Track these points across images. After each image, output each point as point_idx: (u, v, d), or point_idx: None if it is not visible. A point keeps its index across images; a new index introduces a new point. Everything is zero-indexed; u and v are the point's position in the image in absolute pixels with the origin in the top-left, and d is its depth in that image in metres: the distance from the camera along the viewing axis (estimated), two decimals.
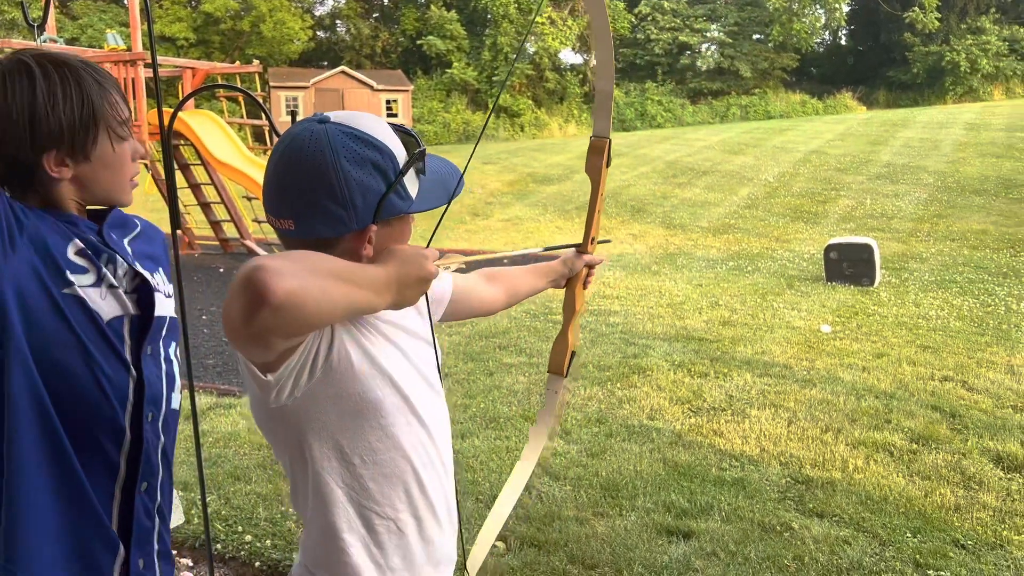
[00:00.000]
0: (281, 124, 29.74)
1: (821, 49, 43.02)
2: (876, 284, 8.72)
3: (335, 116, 1.22)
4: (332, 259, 1.09)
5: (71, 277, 1.28)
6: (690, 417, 4.76)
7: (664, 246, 12.12)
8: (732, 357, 6.01)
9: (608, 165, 1.74)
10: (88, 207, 1.39)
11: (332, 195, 1.16)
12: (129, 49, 10.82)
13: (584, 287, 1.85)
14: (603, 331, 6.85)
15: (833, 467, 3.99)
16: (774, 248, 11.57)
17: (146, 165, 11.11)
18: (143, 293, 1.38)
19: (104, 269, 1.33)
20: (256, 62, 11.53)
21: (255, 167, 10.80)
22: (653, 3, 37.14)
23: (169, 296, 1.49)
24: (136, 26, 10.84)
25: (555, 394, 1.84)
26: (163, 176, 11.58)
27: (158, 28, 31.15)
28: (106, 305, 1.32)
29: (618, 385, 5.36)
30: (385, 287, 1.13)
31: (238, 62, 15.08)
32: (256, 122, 11.86)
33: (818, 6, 37.74)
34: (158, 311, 1.40)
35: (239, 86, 12.34)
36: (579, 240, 1.82)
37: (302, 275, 1.00)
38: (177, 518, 3.10)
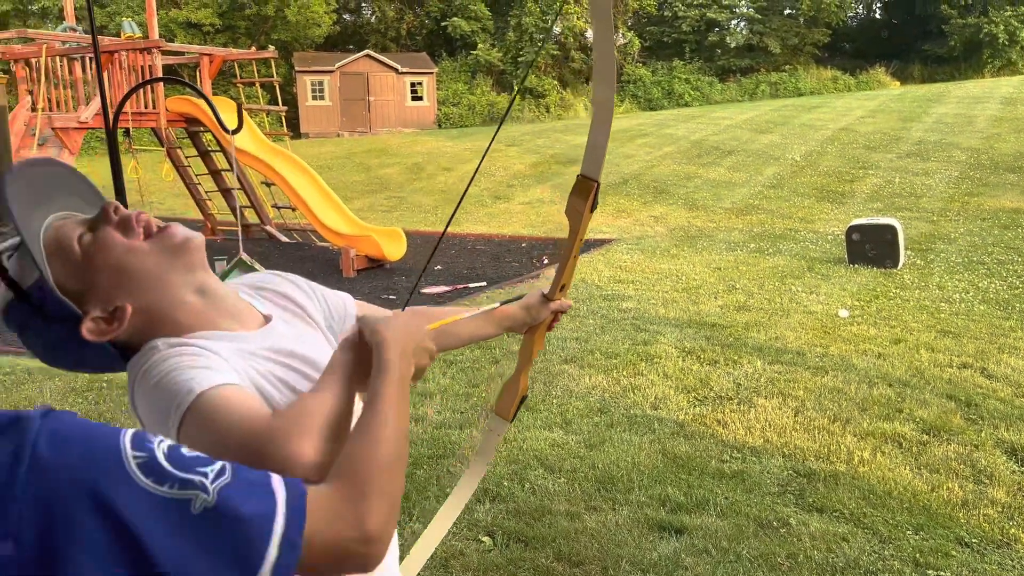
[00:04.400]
0: (307, 108, 29.85)
1: (854, 23, 41.99)
2: (900, 266, 8.50)
3: None
4: (340, 395, 0.99)
5: None
6: (695, 406, 4.66)
7: (685, 228, 11.93)
8: (744, 343, 5.88)
9: (594, 210, 1.54)
10: None
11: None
12: (145, 37, 10.83)
13: (549, 329, 1.71)
14: (615, 317, 6.75)
15: (838, 459, 3.88)
16: (797, 229, 11.33)
17: (169, 152, 11.19)
18: None
19: None
20: (271, 48, 11.49)
21: (273, 153, 10.80)
22: None
23: None
24: (152, 14, 10.85)
25: (495, 436, 1.72)
26: (184, 163, 11.68)
27: (185, 14, 31.34)
28: None
29: (624, 373, 5.27)
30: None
31: (255, 48, 15.08)
32: (274, 108, 11.84)
33: None
34: None
35: (185, 79, 12.29)
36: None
37: (332, 452, 0.92)
38: None
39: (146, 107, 10.36)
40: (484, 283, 8.81)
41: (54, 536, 0.65)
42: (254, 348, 1.12)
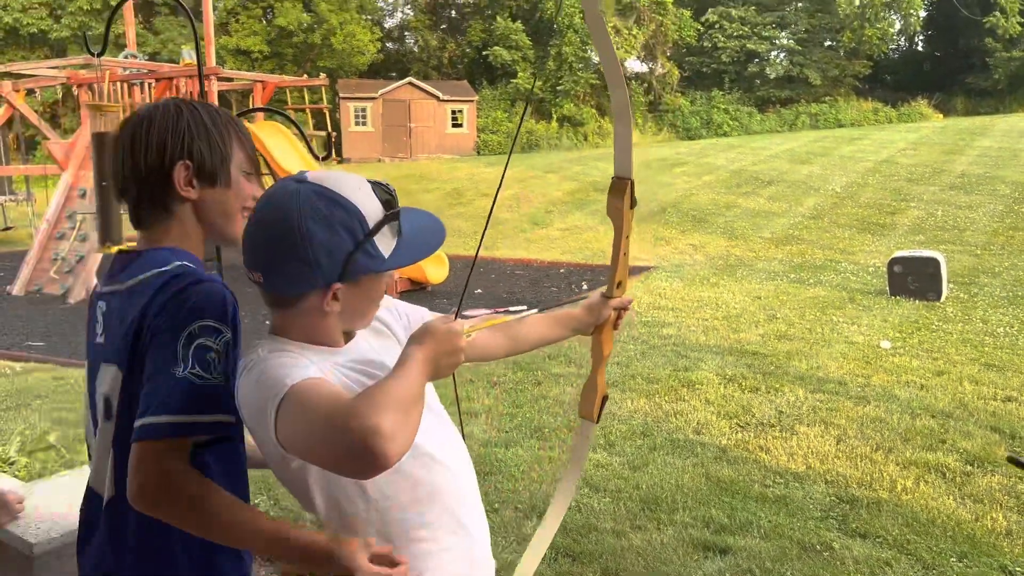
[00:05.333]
0: (350, 134, 30.44)
1: (895, 55, 41.77)
2: (942, 299, 8.46)
3: (311, 176, 1.25)
4: (408, 381, 1.10)
5: None
6: (737, 432, 4.73)
7: (724, 257, 11.97)
8: (785, 372, 5.93)
9: (633, 206, 1.67)
10: None
11: (296, 253, 1.21)
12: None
13: (615, 328, 1.81)
14: (655, 343, 6.83)
15: (881, 487, 3.92)
16: (838, 260, 11.31)
17: None
18: None
19: None
20: (323, 75, 11.86)
21: None
22: (720, 11, 36.68)
23: None
24: (210, 41, 11.27)
25: (586, 440, 1.83)
26: None
27: (235, 41, 32.26)
28: None
29: (666, 398, 5.35)
30: (425, 371, 1.15)
31: (305, 75, 15.52)
32: (320, 133, 12.21)
33: (892, 12, 36.65)
34: None
35: (273, 108, 12.53)
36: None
37: (404, 425, 1.05)
38: None
39: None
40: (524, 307, 8.92)
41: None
42: (342, 360, 1.31)
